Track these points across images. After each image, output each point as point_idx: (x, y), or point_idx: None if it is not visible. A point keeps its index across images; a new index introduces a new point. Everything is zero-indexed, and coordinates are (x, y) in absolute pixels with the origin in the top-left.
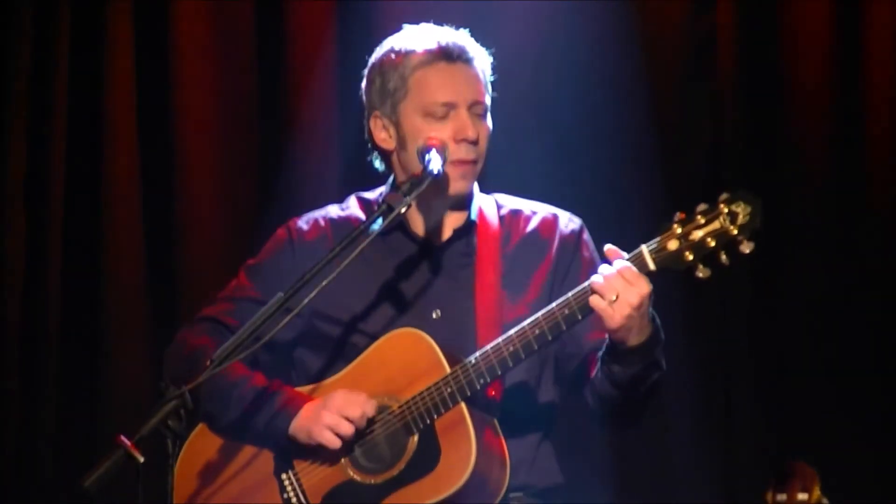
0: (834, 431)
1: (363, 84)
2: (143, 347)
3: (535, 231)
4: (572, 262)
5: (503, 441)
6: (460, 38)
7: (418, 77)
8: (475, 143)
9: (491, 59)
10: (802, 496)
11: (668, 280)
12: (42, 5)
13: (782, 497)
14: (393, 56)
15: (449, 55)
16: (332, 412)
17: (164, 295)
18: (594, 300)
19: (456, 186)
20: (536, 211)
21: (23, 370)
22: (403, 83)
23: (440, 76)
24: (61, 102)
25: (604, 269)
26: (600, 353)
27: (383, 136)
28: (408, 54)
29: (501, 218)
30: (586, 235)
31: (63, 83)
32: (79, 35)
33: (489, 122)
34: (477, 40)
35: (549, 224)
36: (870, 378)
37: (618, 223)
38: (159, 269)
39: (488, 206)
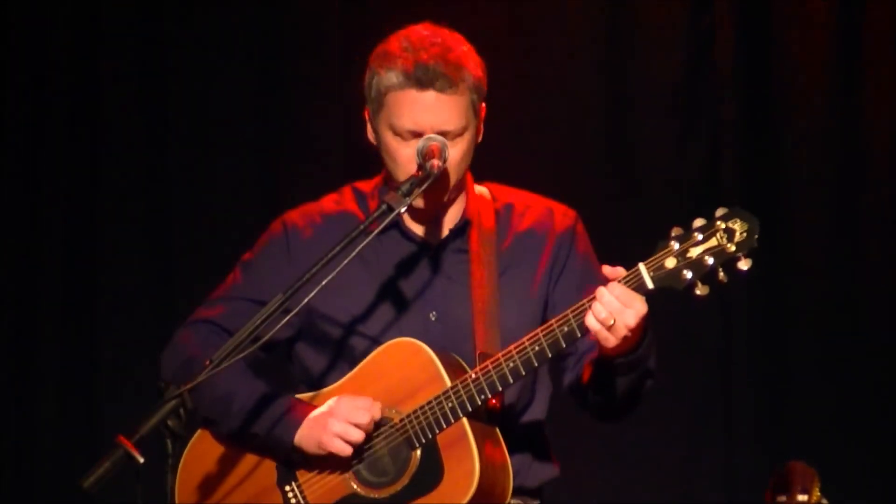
0: (834, 431)
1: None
2: (143, 347)
3: (530, 227)
4: (568, 257)
5: (505, 450)
6: (443, 60)
7: (390, 98)
8: None
9: (478, 74)
10: (802, 496)
11: None
12: (42, 5)
13: (782, 497)
14: (380, 62)
15: (420, 82)
16: (339, 419)
17: (164, 294)
18: (591, 324)
19: (425, 204)
20: (531, 205)
21: (22, 370)
22: (380, 98)
23: (407, 104)
24: (61, 102)
25: (599, 293)
26: (593, 361)
27: (370, 129)
28: (389, 70)
29: (496, 213)
30: (581, 228)
31: (63, 83)
32: (79, 35)
33: (464, 142)
34: (475, 39)
35: (544, 219)
36: (870, 378)
37: (617, 222)
38: (159, 269)
39: (483, 200)
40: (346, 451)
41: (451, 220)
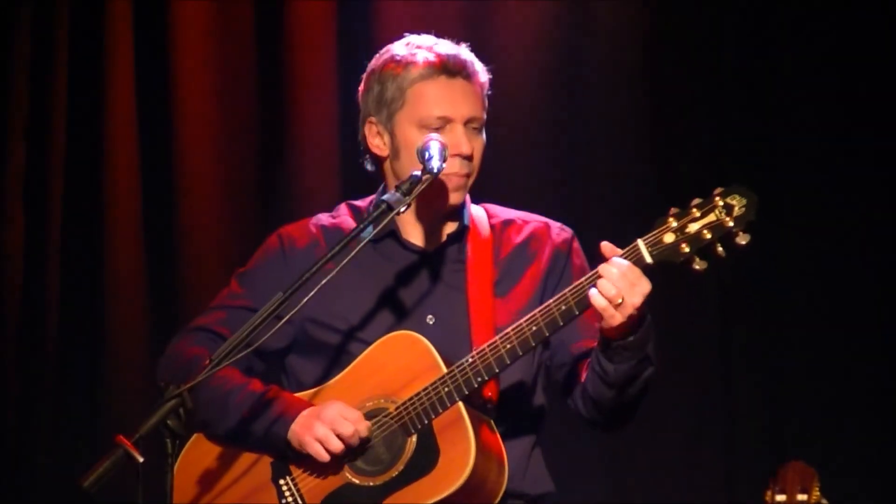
0: (834, 431)
1: (360, 88)
2: (143, 347)
3: (526, 240)
4: (564, 271)
5: (500, 440)
6: (462, 52)
7: (417, 89)
8: (469, 158)
9: (489, 77)
10: (802, 496)
11: (667, 279)
12: (42, 5)
13: (782, 497)
14: (393, 65)
15: (449, 70)
16: (324, 425)
17: (164, 295)
18: (598, 301)
19: (449, 198)
20: (527, 220)
21: (22, 370)
22: (401, 94)
23: (439, 90)
24: (61, 102)
25: (605, 270)
26: (592, 354)
27: (377, 142)
28: (408, 65)
29: (493, 227)
30: (577, 244)
31: (63, 83)
32: (79, 35)
33: (483, 136)
34: (473, 41)
35: (541, 233)
36: (870, 378)
37: (615, 224)
38: (159, 269)
39: (480, 216)
40: (324, 457)
41: (448, 228)
